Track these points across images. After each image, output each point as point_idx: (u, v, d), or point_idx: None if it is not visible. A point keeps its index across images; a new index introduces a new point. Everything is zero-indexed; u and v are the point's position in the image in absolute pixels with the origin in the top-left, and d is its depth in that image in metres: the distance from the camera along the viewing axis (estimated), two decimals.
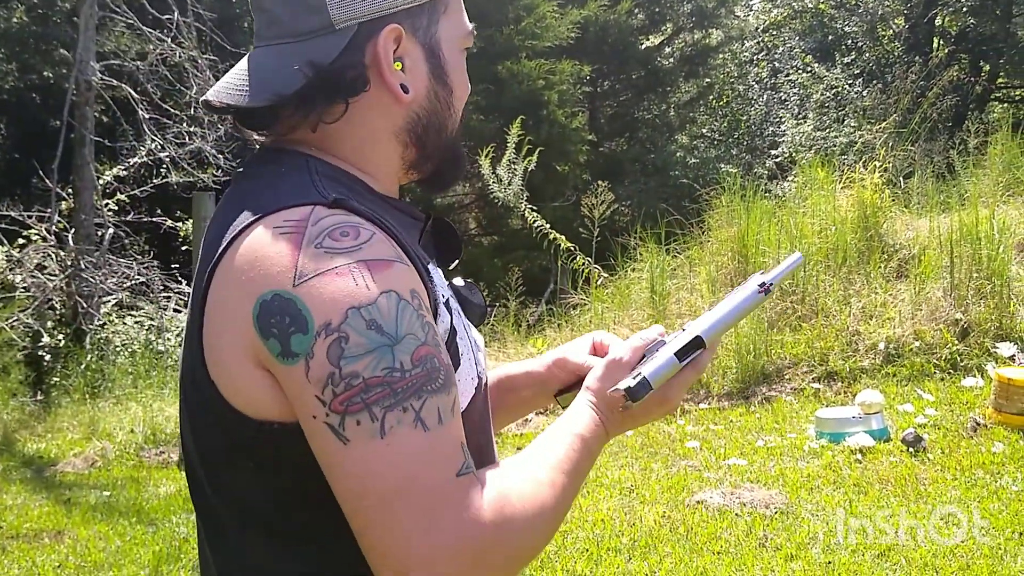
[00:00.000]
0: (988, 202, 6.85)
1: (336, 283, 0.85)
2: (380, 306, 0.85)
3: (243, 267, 0.89)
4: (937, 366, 5.65)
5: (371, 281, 0.86)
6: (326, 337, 0.84)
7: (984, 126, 8.63)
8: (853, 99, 11.18)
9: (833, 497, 4.12)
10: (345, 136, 1.01)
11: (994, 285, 5.90)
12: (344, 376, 0.84)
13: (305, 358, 0.85)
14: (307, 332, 0.85)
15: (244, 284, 0.88)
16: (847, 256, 6.73)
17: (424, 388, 0.86)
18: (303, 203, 0.91)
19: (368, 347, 0.84)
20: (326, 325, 0.84)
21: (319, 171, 0.97)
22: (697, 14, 13.28)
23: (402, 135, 1.03)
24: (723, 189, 7.83)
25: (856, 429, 4.85)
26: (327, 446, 0.85)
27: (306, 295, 0.85)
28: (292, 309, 0.85)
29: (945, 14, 14.92)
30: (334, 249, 0.87)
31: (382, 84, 1.00)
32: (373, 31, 0.98)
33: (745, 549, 3.57)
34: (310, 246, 0.87)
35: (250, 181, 1.01)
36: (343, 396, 0.84)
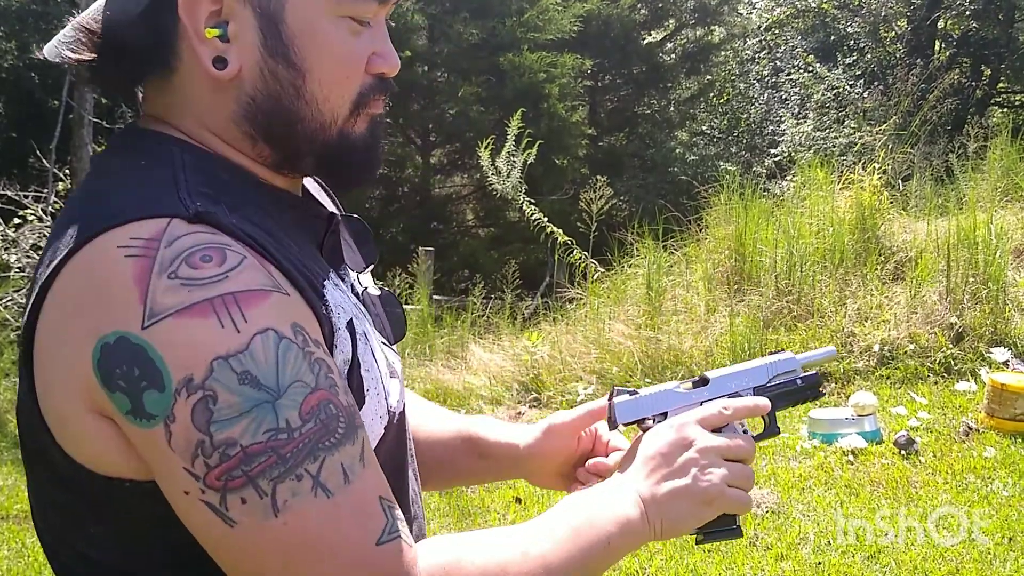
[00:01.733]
0: (986, 207, 6.86)
1: (196, 325, 0.68)
2: (255, 352, 0.69)
3: (79, 296, 0.71)
4: (931, 369, 5.66)
5: (241, 320, 0.69)
6: (188, 396, 0.68)
7: (984, 130, 8.63)
8: (854, 100, 11.18)
9: (824, 498, 4.13)
10: (180, 117, 0.83)
11: (990, 290, 5.91)
12: (217, 445, 0.68)
13: (164, 422, 0.68)
14: (164, 390, 0.68)
15: (81, 318, 0.70)
16: (844, 257, 6.73)
17: (320, 445, 0.70)
18: (158, 214, 0.72)
19: (243, 407, 0.68)
20: (187, 381, 0.68)
21: (187, 163, 0.78)
22: (700, 11, 13.27)
23: (242, 124, 0.83)
24: (721, 187, 7.83)
25: (849, 430, 4.86)
26: (209, 528, 0.70)
27: (159, 341, 0.68)
28: (143, 358, 0.68)
29: (948, 17, 14.92)
30: (193, 280, 0.69)
31: (175, 58, 0.81)
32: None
33: (735, 548, 3.58)
34: (162, 275, 0.69)
35: (100, 178, 0.82)
36: (219, 470, 0.68)
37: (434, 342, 6.61)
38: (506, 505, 4.17)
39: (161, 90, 0.83)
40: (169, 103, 0.82)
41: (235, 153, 0.84)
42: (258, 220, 0.78)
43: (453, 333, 6.84)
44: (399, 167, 11.28)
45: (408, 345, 6.52)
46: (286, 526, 0.69)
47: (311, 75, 0.82)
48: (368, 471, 0.74)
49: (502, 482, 4.46)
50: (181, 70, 0.81)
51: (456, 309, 7.33)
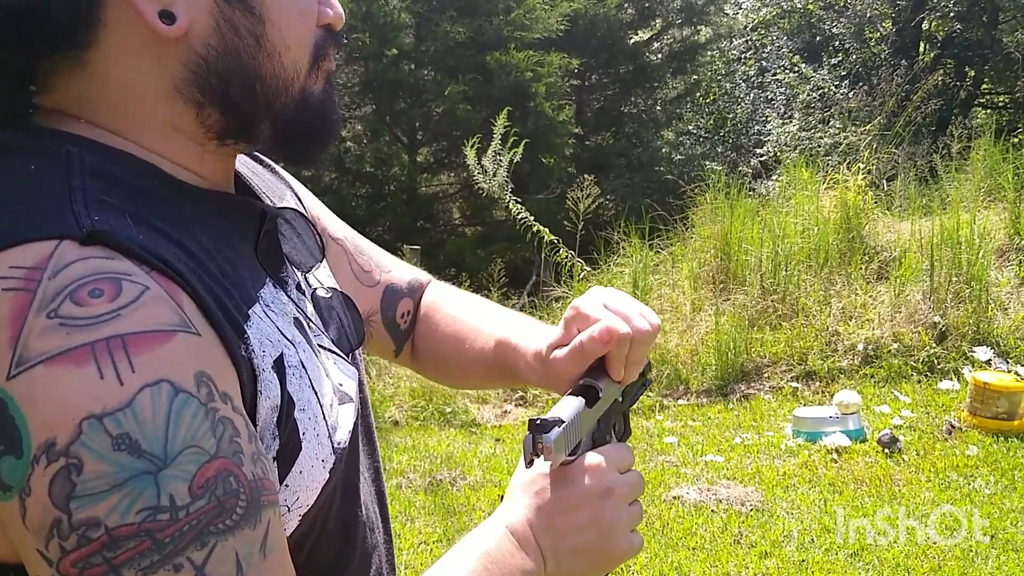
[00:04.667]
0: (969, 207, 6.91)
1: (69, 376, 0.55)
2: (139, 409, 0.56)
3: None
4: (914, 368, 5.69)
5: (128, 370, 0.56)
6: (48, 464, 0.55)
7: (967, 131, 8.68)
8: (839, 100, 11.23)
9: (808, 496, 4.15)
10: (114, 97, 0.69)
11: (973, 289, 5.95)
12: (76, 525, 0.55)
13: (19, 494, 0.55)
14: (21, 456, 0.55)
15: None
16: (829, 256, 6.76)
17: (211, 528, 0.57)
18: (44, 235, 0.59)
19: (114, 479, 0.55)
20: (48, 445, 0.55)
21: (87, 165, 0.65)
22: (686, 10, 13.29)
23: (188, 90, 0.70)
24: (707, 186, 7.85)
25: (833, 429, 4.89)
26: None
27: (23, 395, 0.55)
28: (3, 415, 0.55)
29: (932, 18, 15.00)
30: (76, 320, 0.56)
31: (126, 14, 0.67)
32: None
33: (720, 545, 3.59)
34: (40, 314, 0.56)
35: None
36: (75, 555, 0.55)
37: None
38: (492, 503, 4.17)
39: (66, 73, 0.68)
40: (74, 89, 0.68)
41: (160, 144, 0.71)
42: (175, 233, 0.65)
43: None
44: (385, 165, 11.24)
45: None
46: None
47: (271, 22, 0.71)
48: (269, 563, 0.60)
49: (487, 481, 4.46)
50: (102, 39, 0.67)
51: None
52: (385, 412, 5.76)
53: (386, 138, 11.35)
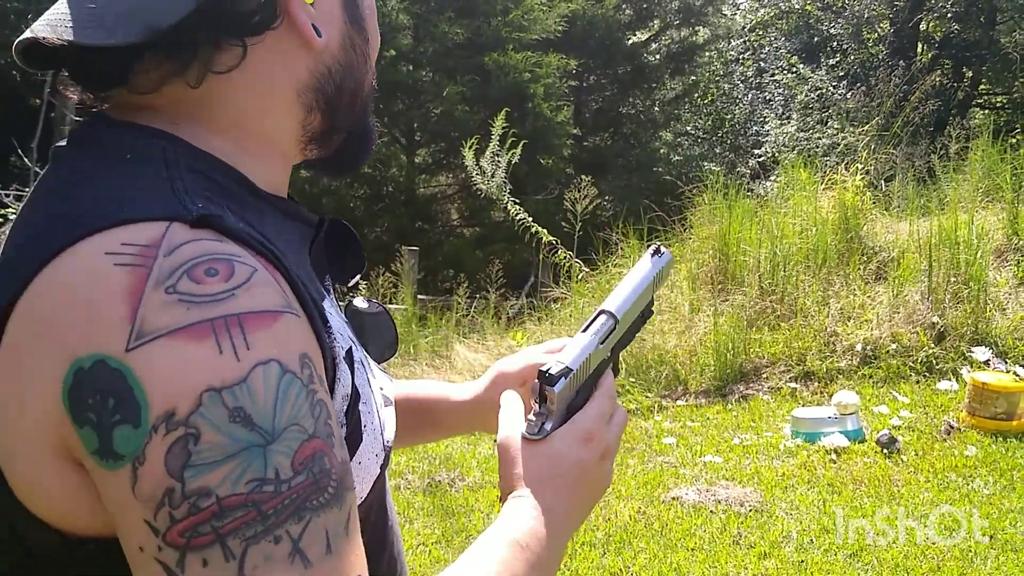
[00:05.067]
0: (967, 207, 6.91)
1: (190, 350, 0.57)
2: (253, 385, 0.58)
3: (53, 313, 0.59)
4: (913, 368, 5.69)
5: (243, 346, 0.58)
6: (166, 434, 0.56)
7: (965, 132, 8.69)
8: (837, 101, 11.24)
9: (807, 496, 4.14)
10: (231, 96, 0.72)
11: (971, 290, 5.95)
12: (188, 494, 0.56)
13: (132, 463, 0.56)
14: (139, 424, 0.56)
15: (53, 339, 0.58)
16: (827, 257, 6.76)
17: (307, 504, 0.59)
18: (154, 216, 0.61)
19: (228, 449, 0.57)
20: (168, 416, 0.56)
21: (181, 161, 0.68)
22: (684, 11, 13.30)
23: (307, 95, 0.75)
24: (706, 187, 7.86)
25: (831, 429, 4.88)
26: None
27: (143, 366, 0.57)
28: (121, 386, 0.56)
29: (930, 19, 15.02)
30: (194, 297, 0.58)
31: (289, 22, 0.72)
32: None
33: (719, 546, 3.59)
34: (158, 289, 0.58)
35: (69, 174, 0.68)
36: (185, 523, 0.56)
37: (418, 342, 6.61)
38: (491, 504, 4.16)
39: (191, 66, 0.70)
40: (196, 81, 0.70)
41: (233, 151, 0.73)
42: (259, 229, 0.68)
43: (438, 333, 6.83)
44: (384, 166, 11.24)
45: None
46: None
47: (371, 45, 0.80)
48: (351, 544, 0.62)
49: (486, 482, 4.46)
50: (266, 37, 0.71)
51: (441, 309, 7.33)
52: None
53: (384, 139, 11.35)
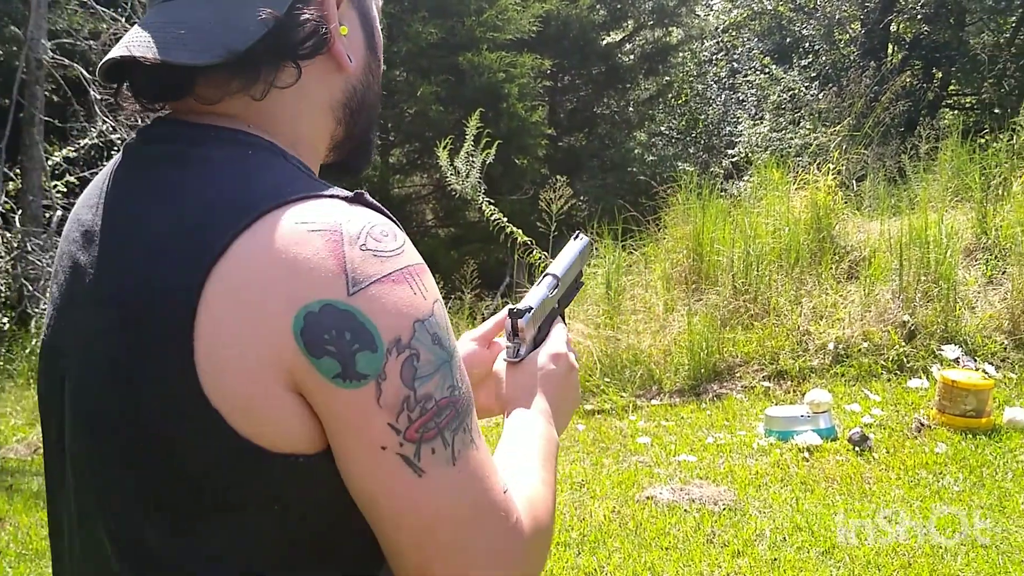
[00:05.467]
0: (937, 207, 6.98)
1: (396, 292, 0.74)
2: (437, 317, 0.77)
3: (264, 272, 0.72)
4: (884, 367, 5.75)
5: (424, 288, 0.76)
6: (398, 355, 0.73)
7: (935, 132, 8.77)
8: (809, 101, 11.32)
9: (780, 494, 4.17)
10: (284, 109, 0.86)
11: (941, 289, 6.02)
12: (420, 399, 0.74)
13: (376, 380, 0.72)
14: (376, 350, 0.72)
15: (273, 292, 0.72)
16: (799, 256, 6.81)
17: (472, 403, 0.79)
18: (317, 194, 0.77)
19: (436, 364, 0.75)
20: (396, 341, 0.73)
21: (287, 156, 0.84)
22: (658, 12, 13.34)
23: (338, 110, 0.91)
24: (679, 187, 7.89)
25: (804, 428, 4.92)
26: (396, 479, 0.74)
27: (367, 306, 0.73)
28: (352, 323, 0.72)
29: (900, 20, 15.17)
30: (382, 252, 0.75)
31: (327, 46, 0.86)
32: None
33: (693, 545, 3.60)
34: (354, 247, 0.74)
35: (195, 163, 0.80)
36: (419, 422, 0.74)
37: None
38: None
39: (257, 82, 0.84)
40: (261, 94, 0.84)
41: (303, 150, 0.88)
42: None
43: None
44: None
45: None
46: (460, 473, 0.76)
47: (381, 69, 0.96)
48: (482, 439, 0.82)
49: None
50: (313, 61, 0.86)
51: None
52: None
53: None
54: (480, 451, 0.78)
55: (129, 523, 0.79)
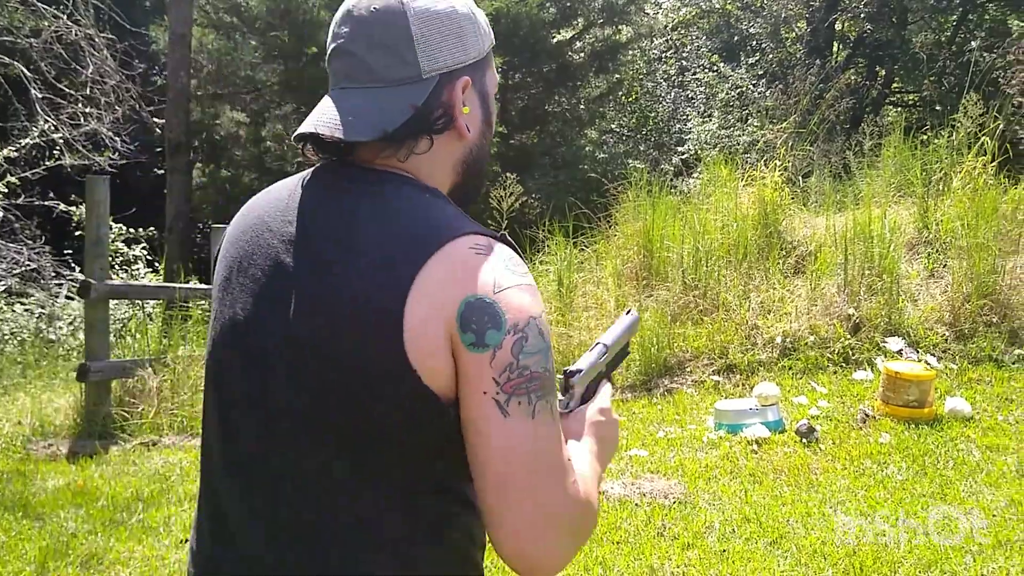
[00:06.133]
0: (880, 202, 7.12)
1: (522, 296, 1.07)
2: (542, 320, 1.08)
3: (447, 277, 1.06)
4: (830, 359, 5.84)
5: (537, 301, 1.09)
6: (513, 335, 1.05)
7: (879, 129, 8.94)
8: (756, 99, 11.46)
9: (730, 487, 4.22)
10: (423, 165, 1.19)
11: (884, 282, 6.13)
12: (519, 367, 1.05)
13: (494, 349, 1.05)
14: (500, 329, 1.05)
15: (451, 287, 1.06)
16: (748, 252, 6.90)
17: (554, 390, 1.09)
18: (479, 232, 1.11)
19: (538, 349, 1.06)
20: (514, 326, 1.05)
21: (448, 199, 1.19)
22: (608, 10, 13.39)
23: (458, 167, 1.23)
24: (630, 184, 7.94)
25: (753, 420, 4.98)
26: (489, 416, 1.05)
27: (502, 302, 1.06)
28: (492, 311, 1.05)
29: (844, 19, 15.42)
30: (517, 272, 1.09)
31: (452, 123, 1.19)
32: (450, 79, 1.18)
33: (644, 539, 3.63)
34: (500, 266, 1.08)
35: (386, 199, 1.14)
36: (514, 381, 1.04)
37: None
38: None
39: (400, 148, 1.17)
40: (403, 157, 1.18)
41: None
42: None
43: None
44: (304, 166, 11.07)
45: None
46: (535, 427, 1.05)
47: (492, 131, 1.28)
48: None
49: None
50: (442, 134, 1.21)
51: None
52: None
53: None
54: (554, 424, 1.07)
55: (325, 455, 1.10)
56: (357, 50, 1.15)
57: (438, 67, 1.16)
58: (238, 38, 11.70)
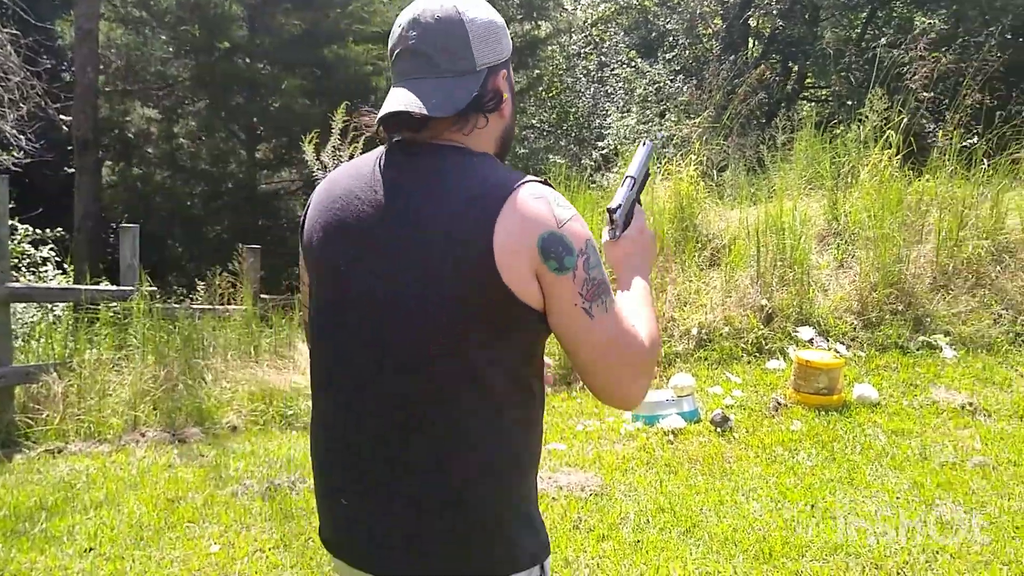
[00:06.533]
0: (792, 195, 7.27)
1: (577, 226, 1.38)
2: (592, 242, 1.39)
3: (520, 220, 1.35)
4: (744, 349, 5.95)
5: (586, 226, 1.40)
6: (581, 257, 1.37)
7: (791, 123, 9.12)
8: (673, 94, 11.60)
9: (645, 478, 4.26)
10: (478, 138, 1.49)
11: (795, 273, 6.27)
12: (591, 280, 1.37)
13: (572, 270, 1.36)
14: (572, 255, 1.36)
15: (526, 227, 1.35)
16: (664, 245, 6.98)
17: (610, 286, 1.44)
18: (532, 181, 1.41)
19: (597, 262, 1.39)
20: (581, 251, 1.37)
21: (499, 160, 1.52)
22: (526, 5, 13.40)
23: (498, 140, 1.54)
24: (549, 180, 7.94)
25: (669, 411, 5.04)
26: (581, 322, 1.38)
27: (567, 233, 1.37)
28: (563, 242, 1.36)
29: (758, 16, 15.71)
30: (566, 207, 1.40)
31: (501, 104, 1.52)
32: (495, 72, 1.50)
33: (560, 532, 3.64)
34: (554, 205, 1.38)
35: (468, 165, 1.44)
36: (591, 291, 1.38)
37: (260, 343, 6.41)
38: None
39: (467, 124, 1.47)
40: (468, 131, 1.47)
41: None
42: None
43: (280, 333, 6.64)
44: (222, 162, 10.83)
45: (232, 346, 6.29)
46: (611, 317, 1.40)
47: (516, 113, 1.62)
48: None
49: None
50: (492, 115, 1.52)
51: (284, 308, 7.13)
52: (223, 418, 5.55)
53: (222, 134, 10.94)
54: (617, 306, 1.43)
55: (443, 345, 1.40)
56: (427, 49, 1.44)
57: (487, 62, 1.47)
58: (148, 33, 11.37)
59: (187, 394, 5.63)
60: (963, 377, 5.39)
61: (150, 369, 5.78)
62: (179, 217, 10.39)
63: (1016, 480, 4.02)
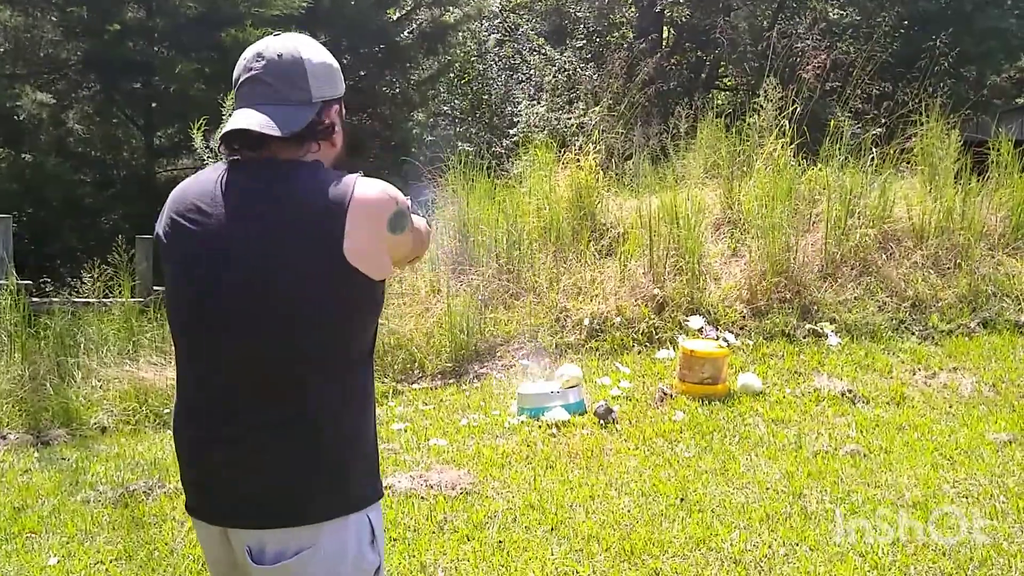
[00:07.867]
0: (690, 184, 7.26)
1: (403, 202, 1.68)
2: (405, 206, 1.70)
3: (367, 207, 1.62)
4: (635, 339, 5.91)
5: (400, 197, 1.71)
6: (409, 224, 1.70)
7: (694, 112, 9.12)
8: (583, 82, 11.53)
9: (521, 473, 4.16)
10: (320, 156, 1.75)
11: (687, 262, 6.25)
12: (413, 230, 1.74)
13: (406, 232, 1.70)
14: (406, 224, 1.68)
15: (375, 212, 1.63)
16: (561, 234, 6.90)
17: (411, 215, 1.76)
18: (363, 176, 1.67)
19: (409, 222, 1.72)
20: (410, 219, 1.70)
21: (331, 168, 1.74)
22: None
23: (330, 162, 1.75)
24: (448, 168, 7.81)
25: (555, 404, 4.95)
26: (404, 246, 1.73)
27: (403, 209, 1.66)
28: (402, 216, 1.66)
29: (671, 5, 15.76)
30: (395, 193, 1.67)
31: (333, 133, 1.76)
32: (329, 104, 1.74)
33: (422, 535, 3.52)
34: (385, 190, 1.65)
35: (298, 170, 1.68)
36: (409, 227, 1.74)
37: (140, 338, 6.13)
38: None
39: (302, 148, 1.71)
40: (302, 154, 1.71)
41: None
42: None
43: (163, 327, 6.38)
44: (115, 149, 10.42)
45: (110, 342, 6.02)
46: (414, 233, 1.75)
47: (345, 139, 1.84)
48: None
49: None
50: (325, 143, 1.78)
51: None
52: (91, 418, 5.29)
53: (115, 120, 10.52)
54: (414, 227, 1.74)
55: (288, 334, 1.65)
56: (270, 79, 1.67)
57: (322, 96, 1.72)
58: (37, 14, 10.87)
59: (54, 393, 5.36)
60: (845, 364, 5.44)
61: (16, 368, 5.49)
62: (71, 206, 9.97)
63: (884, 468, 4.05)
